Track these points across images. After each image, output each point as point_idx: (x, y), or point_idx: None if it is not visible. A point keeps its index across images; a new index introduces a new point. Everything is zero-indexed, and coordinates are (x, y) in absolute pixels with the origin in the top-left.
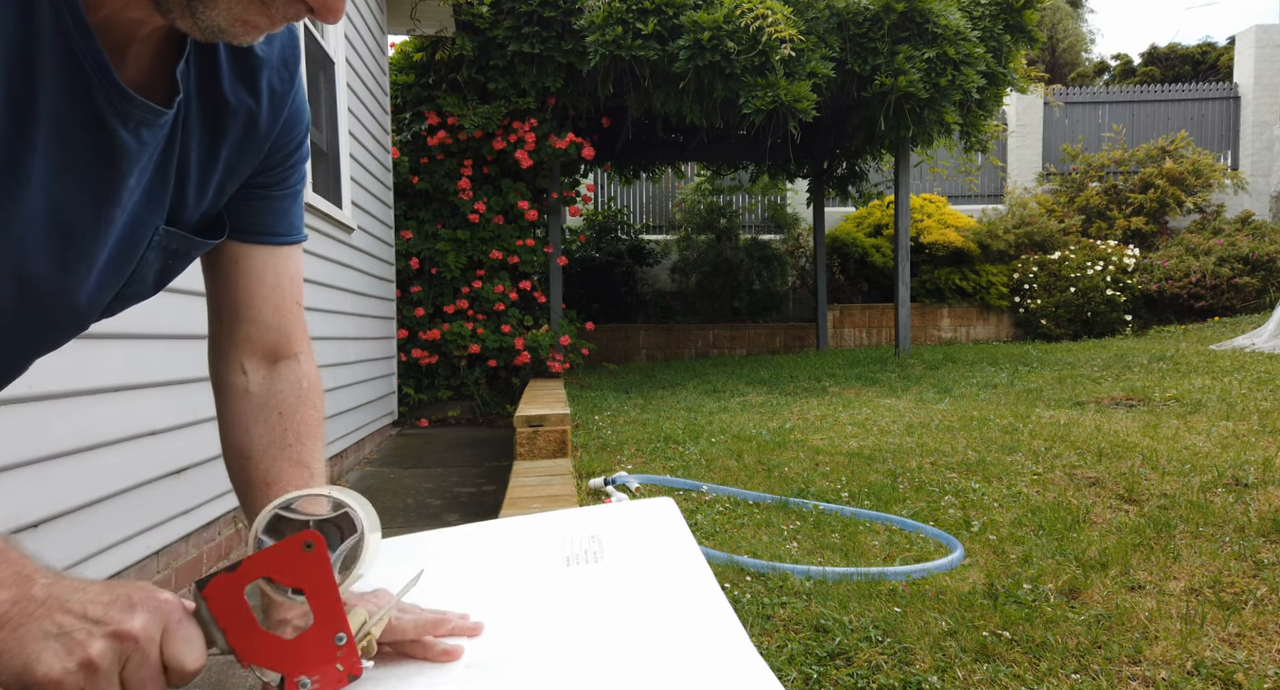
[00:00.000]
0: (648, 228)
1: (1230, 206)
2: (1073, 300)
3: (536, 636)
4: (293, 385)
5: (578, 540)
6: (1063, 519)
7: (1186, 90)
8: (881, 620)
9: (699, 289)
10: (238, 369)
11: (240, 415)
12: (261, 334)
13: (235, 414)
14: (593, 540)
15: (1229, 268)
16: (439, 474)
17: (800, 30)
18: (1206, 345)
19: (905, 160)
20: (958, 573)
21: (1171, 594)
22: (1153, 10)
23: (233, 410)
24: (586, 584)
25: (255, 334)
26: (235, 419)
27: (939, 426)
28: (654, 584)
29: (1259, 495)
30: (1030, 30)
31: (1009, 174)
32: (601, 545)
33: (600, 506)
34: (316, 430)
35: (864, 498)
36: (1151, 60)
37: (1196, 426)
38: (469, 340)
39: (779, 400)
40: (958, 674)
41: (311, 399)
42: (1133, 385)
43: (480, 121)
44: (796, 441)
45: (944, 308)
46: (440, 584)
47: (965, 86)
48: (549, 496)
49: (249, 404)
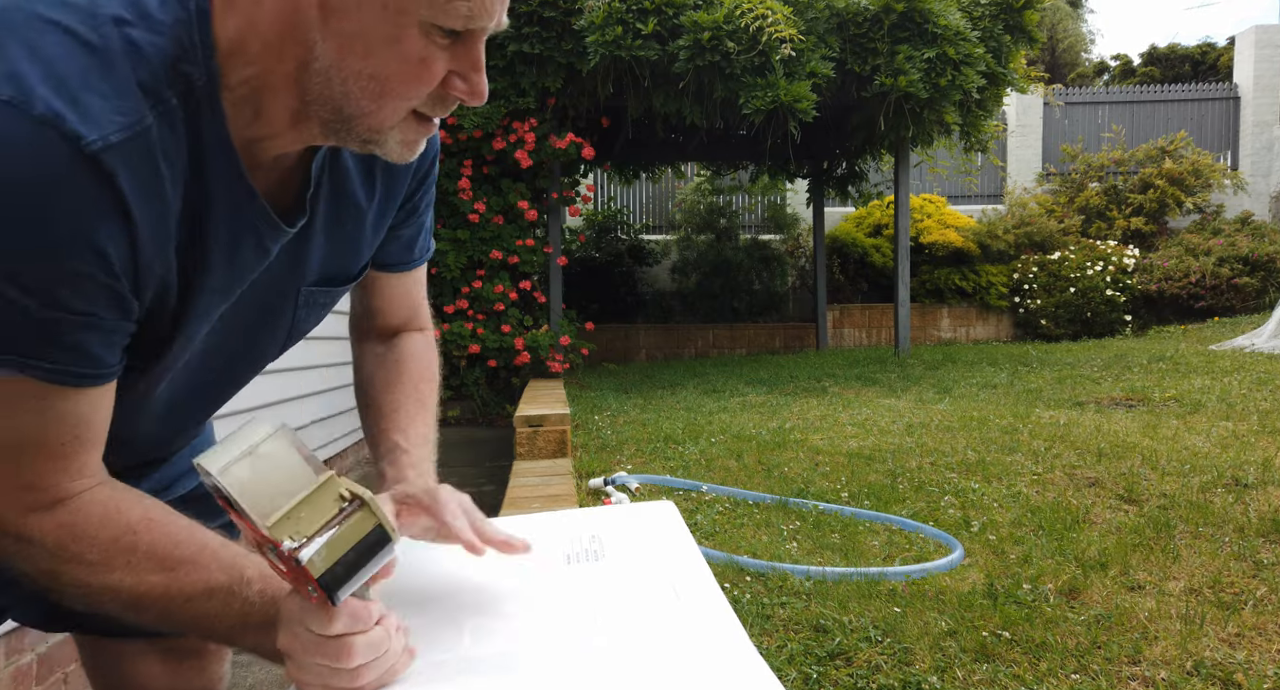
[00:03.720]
0: (647, 228)
1: (1230, 207)
2: (1072, 300)
3: (537, 632)
4: (410, 341)
5: (578, 539)
6: (1062, 519)
7: (1186, 90)
8: (881, 620)
9: (699, 289)
10: (374, 341)
11: (367, 362)
12: (393, 323)
13: (364, 362)
14: (593, 540)
15: (1229, 268)
16: (438, 473)
17: (800, 30)
18: (1206, 345)
19: (905, 160)
20: (957, 573)
21: (1171, 594)
22: (1152, 10)
23: (365, 363)
24: (587, 581)
25: (387, 324)
26: (362, 364)
27: (939, 426)
28: (654, 583)
29: (1259, 495)
30: (1030, 30)
31: (1009, 174)
32: (602, 545)
33: (601, 508)
34: (428, 378)
35: (864, 498)
36: (1151, 60)
37: (1196, 427)
38: (469, 340)
39: (779, 400)
40: (957, 674)
41: (421, 357)
42: (1132, 385)
43: (480, 121)
44: (796, 441)
45: (944, 308)
46: (440, 574)
47: (965, 86)
48: (549, 496)
49: (375, 352)
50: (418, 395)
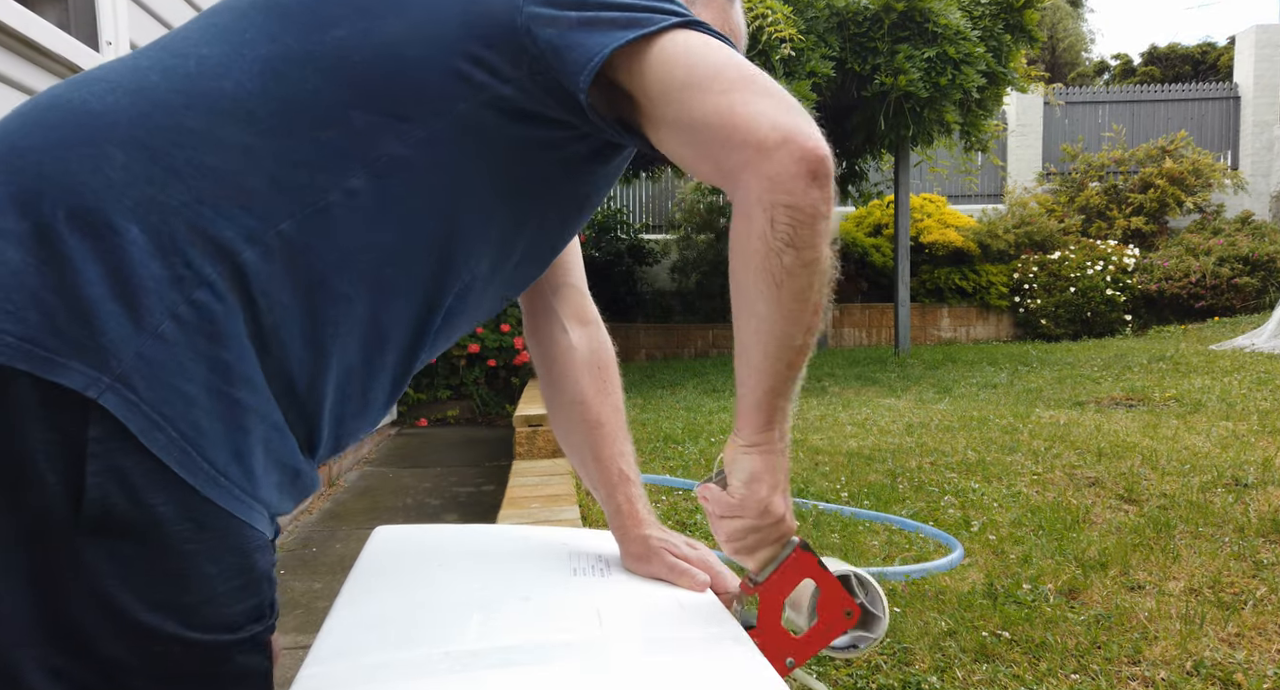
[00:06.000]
0: (647, 227)
1: (1230, 206)
2: (1072, 300)
3: (542, 631)
4: (602, 344)
5: (585, 557)
6: (1062, 519)
7: (1186, 90)
8: None
9: (699, 289)
10: (560, 328)
11: (571, 368)
12: (576, 297)
13: (566, 367)
14: (599, 559)
15: (1229, 268)
16: (438, 473)
17: (800, 30)
18: (1206, 345)
19: (905, 160)
20: (957, 573)
21: (1171, 594)
22: (1153, 10)
23: (564, 366)
24: (592, 589)
25: (572, 296)
26: (566, 371)
27: (939, 426)
28: (658, 597)
29: (1258, 495)
30: (1030, 30)
31: (1009, 174)
32: (608, 565)
33: (607, 533)
34: (618, 382)
35: (864, 498)
36: (1151, 60)
37: (1196, 426)
38: (468, 339)
39: None
40: (957, 674)
41: (613, 357)
42: (1132, 385)
43: None
44: (796, 441)
45: (944, 308)
46: (452, 572)
47: (965, 86)
48: (548, 496)
49: (576, 358)
50: (618, 404)
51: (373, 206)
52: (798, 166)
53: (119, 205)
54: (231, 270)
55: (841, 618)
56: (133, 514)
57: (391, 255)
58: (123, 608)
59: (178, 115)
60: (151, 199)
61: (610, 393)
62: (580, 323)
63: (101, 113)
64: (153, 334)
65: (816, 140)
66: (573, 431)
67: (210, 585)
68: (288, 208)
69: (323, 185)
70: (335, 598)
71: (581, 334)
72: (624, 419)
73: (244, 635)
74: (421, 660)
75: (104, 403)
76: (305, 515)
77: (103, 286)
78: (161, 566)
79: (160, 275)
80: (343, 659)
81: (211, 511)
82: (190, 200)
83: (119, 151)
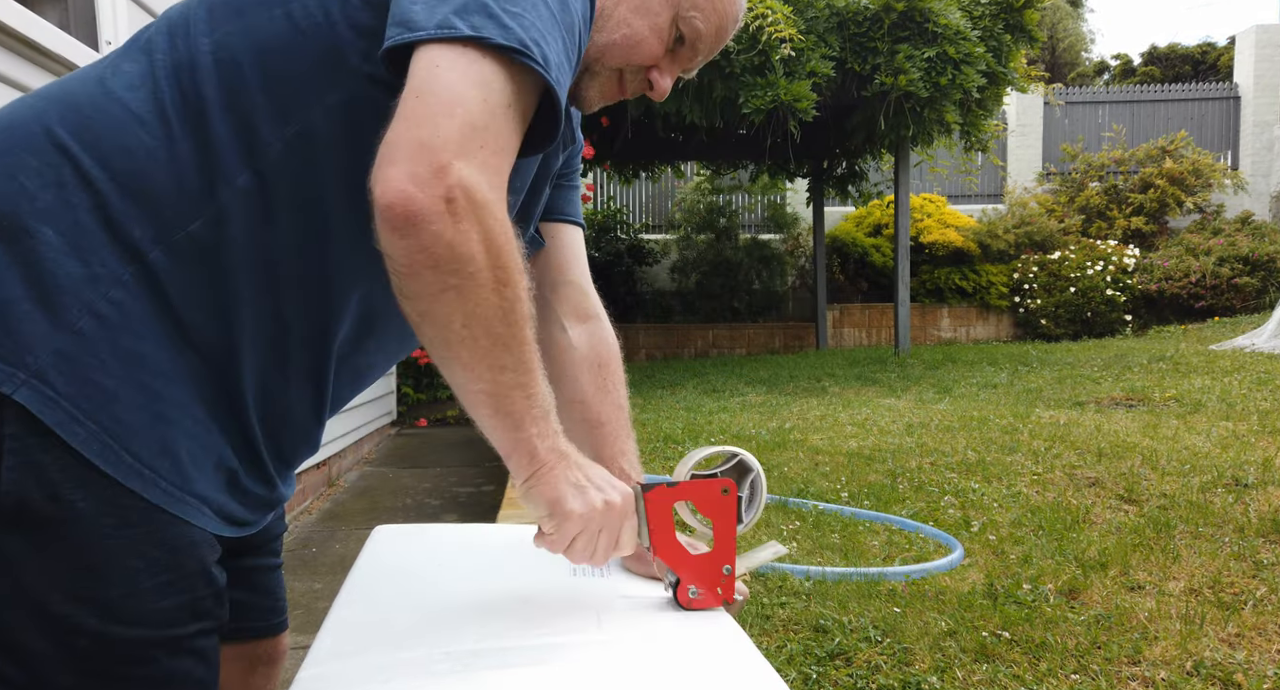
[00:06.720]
0: (647, 227)
1: (1230, 206)
2: (1073, 300)
3: (541, 632)
4: (603, 340)
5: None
6: (1062, 519)
7: (1186, 90)
8: (881, 620)
9: (699, 289)
10: (559, 327)
11: (570, 367)
12: (575, 295)
13: (565, 367)
14: None
15: (1229, 268)
16: (437, 474)
17: (800, 30)
18: (1206, 345)
19: (905, 160)
20: (957, 573)
21: (1171, 594)
22: (1153, 10)
23: (563, 365)
24: (592, 589)
25: (571, 294)
26: (565, 371)
27: (939, 426)
28: (657, 591)
29: (1258, 495)
30: (1030, 30)
31: (1009, 174)
32: (607, 565)
33: None
34: (621, 378)
35: (864, 498)
36: (1151, 60)
37: (1196, 427)
38: None
39: (779, 400)
40: (957, 674)
41: (616, 352)
42: (1133, 385)
43: None
44: (796, 441)
45: (944, 308)
46: (447, 570)
47: (965, 86)
48: None
49: (575, 357)
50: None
51: (263, 204)
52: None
53: (31, 208)
54: (142, 270)
55: (724, 500)
56: (49, 508)
57: (285, 250)
58: (42, 600)
59: (88, 121)
60: (65, 201)
61: (611, 390)
62: (580, 320)
63: (22, 123)
64: (70, 331)
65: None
66: (573, 431)
67: (133, 579)
68: (193, 209)
69: (219, 186)
70: (335, 598)
71: (581, 331)
72: (627, 416)
73: (172, 633)
74: (421, 660)
75: (18, 398)
76: (305, 516)
77: (19, 288)
78: (81, 560)
79: (77, 273)
80: (342, 659)
81: (136, 505)
82: (100, 202)
83: (33, 158)
